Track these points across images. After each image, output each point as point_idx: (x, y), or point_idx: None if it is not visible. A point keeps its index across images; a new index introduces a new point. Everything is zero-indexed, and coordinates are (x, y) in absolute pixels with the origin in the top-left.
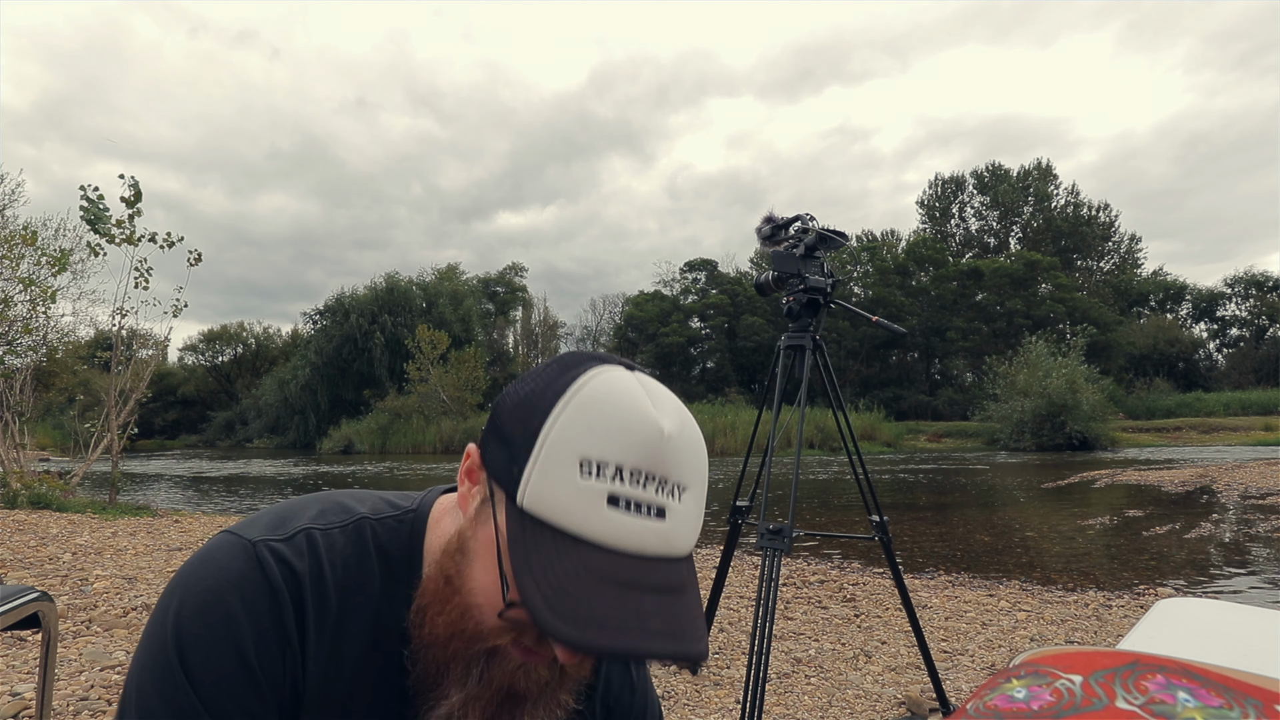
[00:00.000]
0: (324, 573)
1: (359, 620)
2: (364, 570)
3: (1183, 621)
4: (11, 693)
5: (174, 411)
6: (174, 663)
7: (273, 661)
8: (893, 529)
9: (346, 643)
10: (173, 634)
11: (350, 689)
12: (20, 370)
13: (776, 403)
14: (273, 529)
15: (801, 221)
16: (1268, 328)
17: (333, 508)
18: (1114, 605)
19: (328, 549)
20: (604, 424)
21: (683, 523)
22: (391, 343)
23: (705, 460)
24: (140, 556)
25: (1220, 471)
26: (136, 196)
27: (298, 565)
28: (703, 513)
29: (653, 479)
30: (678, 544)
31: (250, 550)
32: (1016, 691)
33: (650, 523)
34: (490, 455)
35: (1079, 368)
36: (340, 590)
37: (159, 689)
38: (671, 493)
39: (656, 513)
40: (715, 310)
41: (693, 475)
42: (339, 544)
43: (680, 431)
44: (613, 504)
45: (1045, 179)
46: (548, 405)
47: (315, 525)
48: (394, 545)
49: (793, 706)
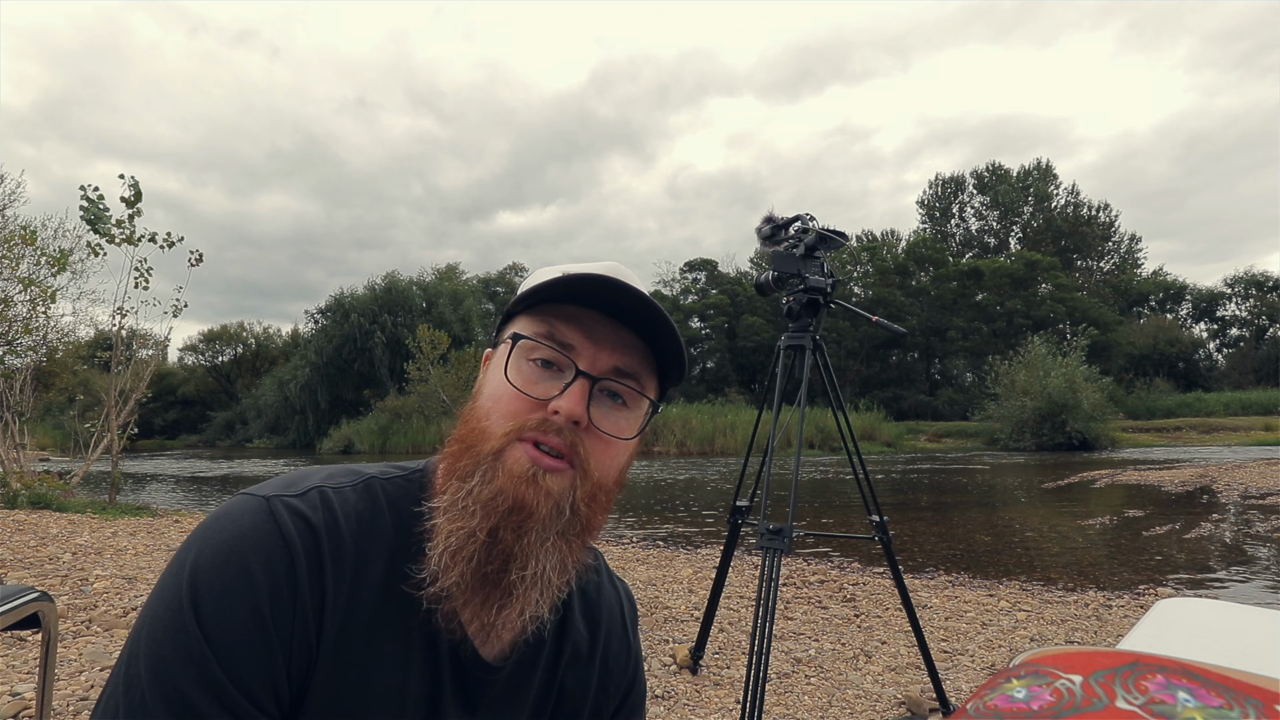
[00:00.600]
0: (339, 525)
1: (375, 569)
2: (378, 522)
3: (1183, 621)
4: (11, 693)
5: (174, 411)
6: (188, 612)
7: (286, 614)
8: (893, 529)
9: (363, 591)
10: (188, 584)
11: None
12: (20, 370)
13: (776, 403)
14: (286, 487)
15: (801, 221)
16: (1268, 328)
17: (340, 471)
18: (1114, 605)
19: (341, 504)
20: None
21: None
22: (391, 343)
23: None
24: (140, 556)
25: (1220, 471)
26: (136, 196)
27: (313, 518)
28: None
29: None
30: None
31: (265, 505)
32: (1016, 691)
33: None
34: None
35: (1079, 368)
36: (356, 540)
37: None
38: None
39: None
40: (715, 310)
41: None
42: (351, 499)
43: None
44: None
45: (1045, 179)
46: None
47: (327, 484)
48: (404, 499)
49: (793, 706)
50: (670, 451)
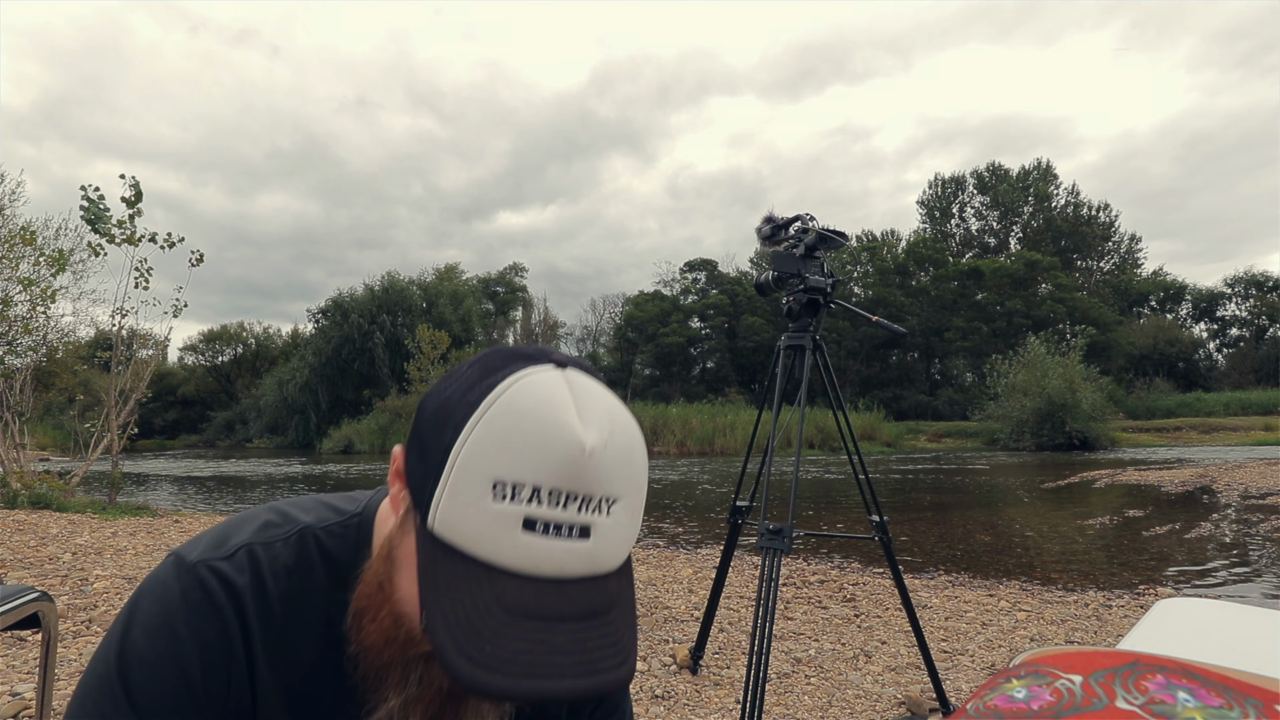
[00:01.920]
0: (265, 585)
1: (308, 627)
2: (310, 578)
3: (1183, 621)
4: (11, 693)
5: (174, 411)
6: (115, 683)
7: (217, 678)
8: (893, 529)
9: (298, 649)
10: (116, 655)
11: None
12: (20, 370)
13: (776, 403)
14: (214, 548)
15: (801, 221)
16: (1268, 328)
17: (276, 519)
18: (1114, 605)
19: (269, 561)
20: (519, 442)
21: (611, 538)
22: (391, 343)
23: (641, 466)
24: (140, 556)
25: (1220, 471)
26: (137, 196)
27: (238, 581)
28: (639, 520)
29: (574, 498)
30: (604, 561)
31: (192, 573)
32: (1016, 691)
33: (571, 544)
34: (410, 464)
35: (1077, 367)
36: (284, 601)
37: (99, 707)
38: (598, 508)
39: (579, 532)
40: (715, 310)
41: (625, 485)
42: (281, 556)
43: (608, 442)
44: (529, 528)
45: (1045, 179)
46: (460, 419)
47: (256, 540)
48: (340, 550)
49: (793, 706)
50: (670, 451)
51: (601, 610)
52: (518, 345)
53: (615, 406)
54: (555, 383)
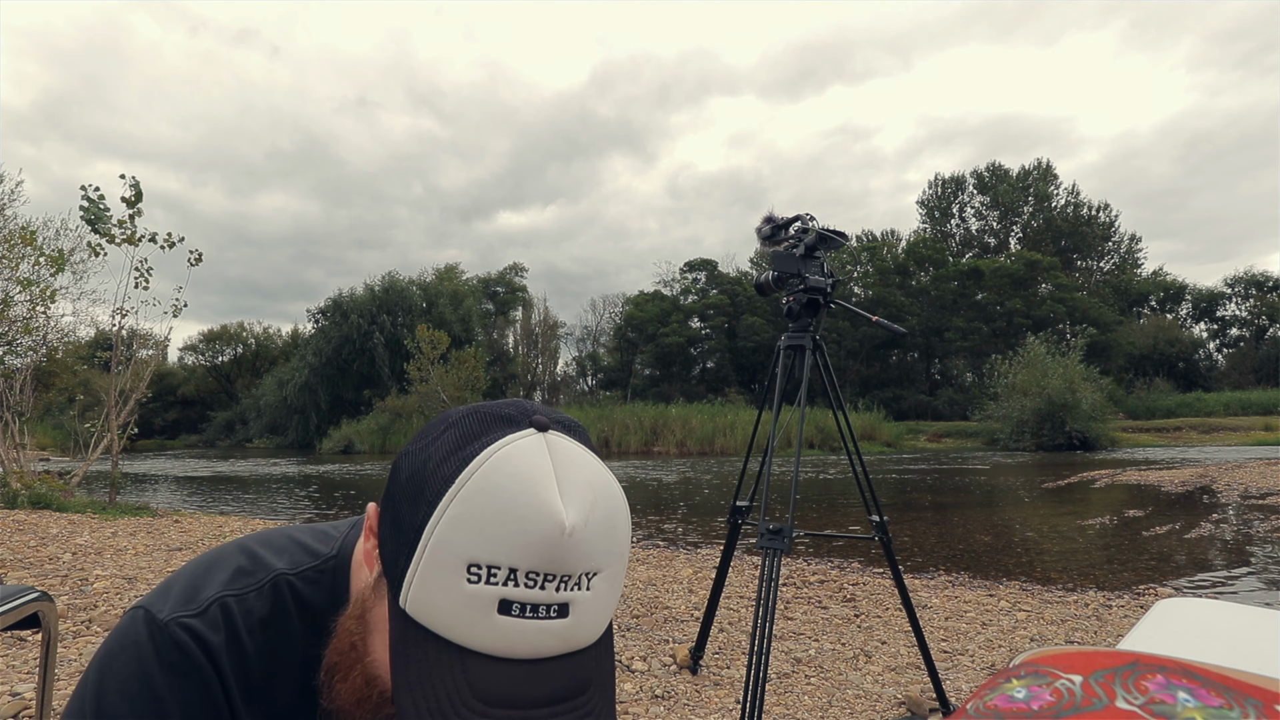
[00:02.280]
0: (241, 641)
1: (286, 679)
2: (286, 628)
3: (1183, 621)
4: (11, 693)
5: (174, 411)
6: None
7: None
8: (893, 529)
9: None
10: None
11: None
12: (20, 370)
13: (776, 403)
14: (185, 601)
15: (801, 221)
16: (1268, 328)
17: (247, 564)
18: (1114, 605)
19: (244, 615)
20: (496, 522)
21: (590, 612)
22: (391, 343)
23: (624, 534)
24: (140, 556)
25: (1220, 471)
26: (137, 197)
27: (213, 640)
28: (620, 586)
29: (553, 578)
30: (582, 636)
31: (165, 630)
32: (1016, 691)
33: (548, 624)
34: (384, 531)
35: (1077, 367)
36: (261, 656)
37: None
38: (577, 584)
39: (557, 611)
40: (715, 310)
41: (606, 558)
42: (256, 608)
43: (589, 517)
44: (505, 610)
45: (1045, 179)
46: (434, 495)
47: (229, 592)
48: (316, 597)
49: (793, 706)
50: (670, 451)
51: (579, 690)
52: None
53: (598, 475)
54: (535, 452)
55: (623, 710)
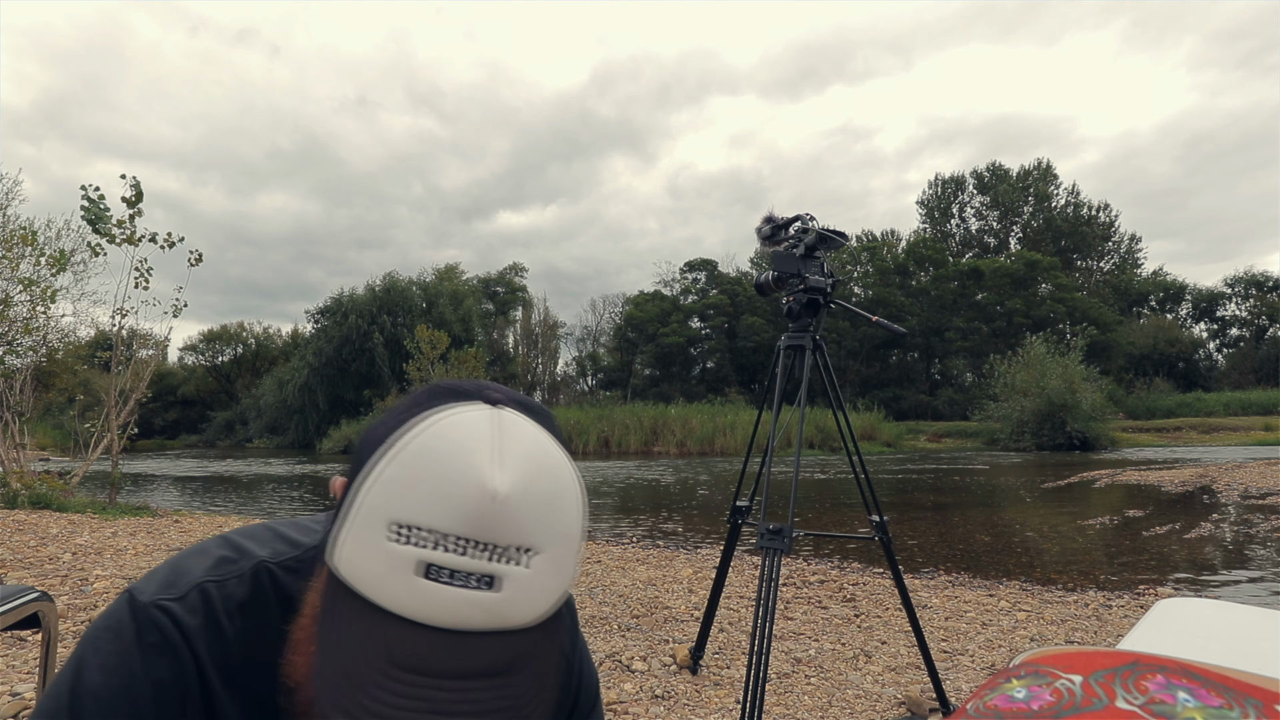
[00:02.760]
0: (220, 625)
1: (266, 663)
2: (264, 617)
3: (1183, 621)
4: (11, 693)
5: (174, 411)
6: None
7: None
8: (893, 529)
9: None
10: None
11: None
12: (20, 370)
13: (776, 403)
14: (166, 587)
15: (801, 221)
16: (1268, 328)
17: (230, 554)
18: (1114, 605)
19: (223, 600)
20: (425, 483)
21: (526, 590)
22: (391, 343)
23: (571, 515)
24: (140, 556)
25: (1220, 471)
26: (137, 196)
27: (190, 623)
28: (569, 574)
29: (480, 545)
30: (513, 615)
31: (145, 612)
32: (1016, 691)
33: (474, 594)
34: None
35: (1077, 367)
36: (240, 640)
37: None
38: (511, 558)
39: (483, 582)
40: (715, 310)
41: (545, 536)
42: (235, 594)
43: (526, 489)
44: (429, 575)
45: (1045, 179)
46: (370, 455)
47: (210, 578)
48: (294, 586)
49: (793, 706)
50: (670, 451)
51: (503, 670)
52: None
53: (546, 451)
54: (477, 422)
55: (623, 710)
